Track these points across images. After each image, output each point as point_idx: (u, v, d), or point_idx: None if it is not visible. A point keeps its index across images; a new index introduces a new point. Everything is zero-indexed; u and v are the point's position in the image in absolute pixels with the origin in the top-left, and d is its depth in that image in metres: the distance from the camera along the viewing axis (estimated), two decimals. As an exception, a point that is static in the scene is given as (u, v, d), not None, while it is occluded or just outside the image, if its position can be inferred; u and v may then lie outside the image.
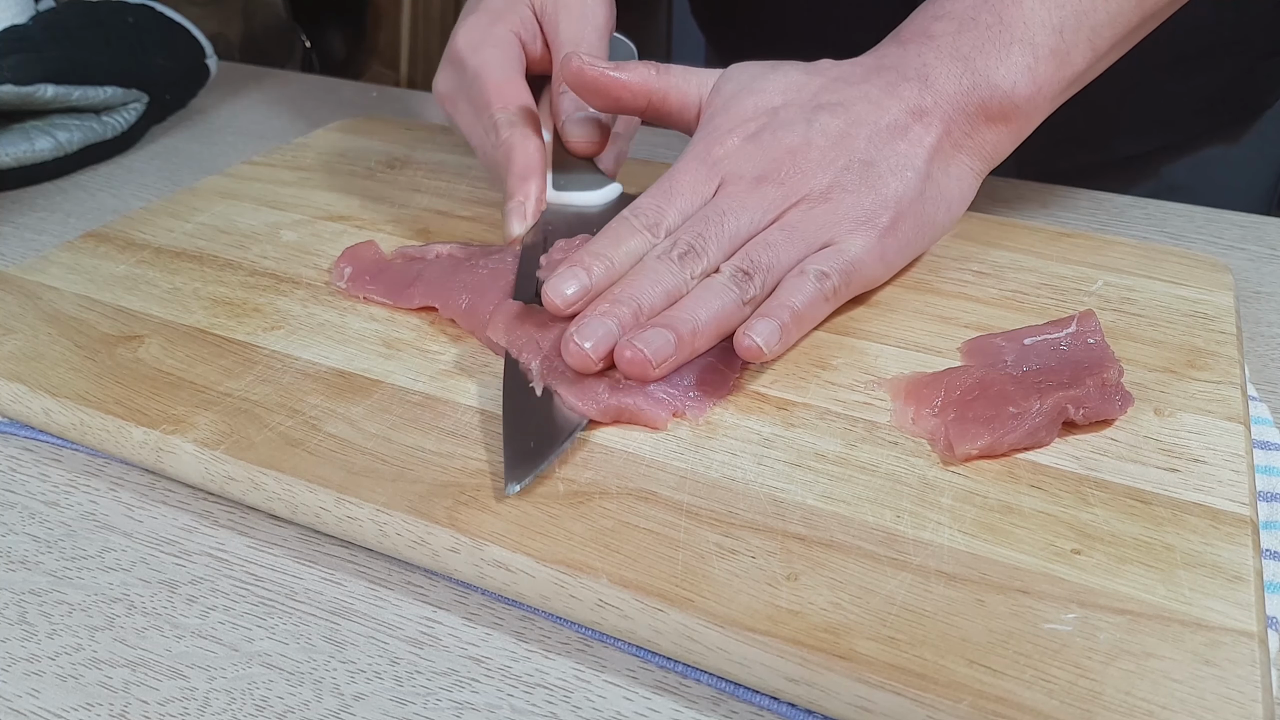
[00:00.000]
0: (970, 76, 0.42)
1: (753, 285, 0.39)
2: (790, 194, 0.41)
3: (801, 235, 0.40)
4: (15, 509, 0.37)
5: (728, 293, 0.38)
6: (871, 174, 0.41)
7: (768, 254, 0.39)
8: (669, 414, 0.36)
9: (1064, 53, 0.43)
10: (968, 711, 0.26)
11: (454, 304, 0.42)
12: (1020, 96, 0.42)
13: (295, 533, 0.36)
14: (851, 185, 0.41)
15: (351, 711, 0.29)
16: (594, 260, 0.39)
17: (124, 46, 0.65)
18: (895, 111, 0.42)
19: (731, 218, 0.40)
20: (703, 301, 0.38)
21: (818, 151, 0.41)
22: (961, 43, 0.43)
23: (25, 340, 0.41)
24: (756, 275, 0.39)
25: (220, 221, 0.51)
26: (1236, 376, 0.38)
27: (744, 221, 0.40)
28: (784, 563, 0.30)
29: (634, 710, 0.30)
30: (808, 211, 0.41)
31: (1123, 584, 0.29)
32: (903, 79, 0.43)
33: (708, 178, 0.42)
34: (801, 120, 0.42)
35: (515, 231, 0.45)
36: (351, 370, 0.39)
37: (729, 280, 0.39)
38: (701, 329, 0.37)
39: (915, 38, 0.44)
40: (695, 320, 0.37)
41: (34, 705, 0.29)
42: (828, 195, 0.41)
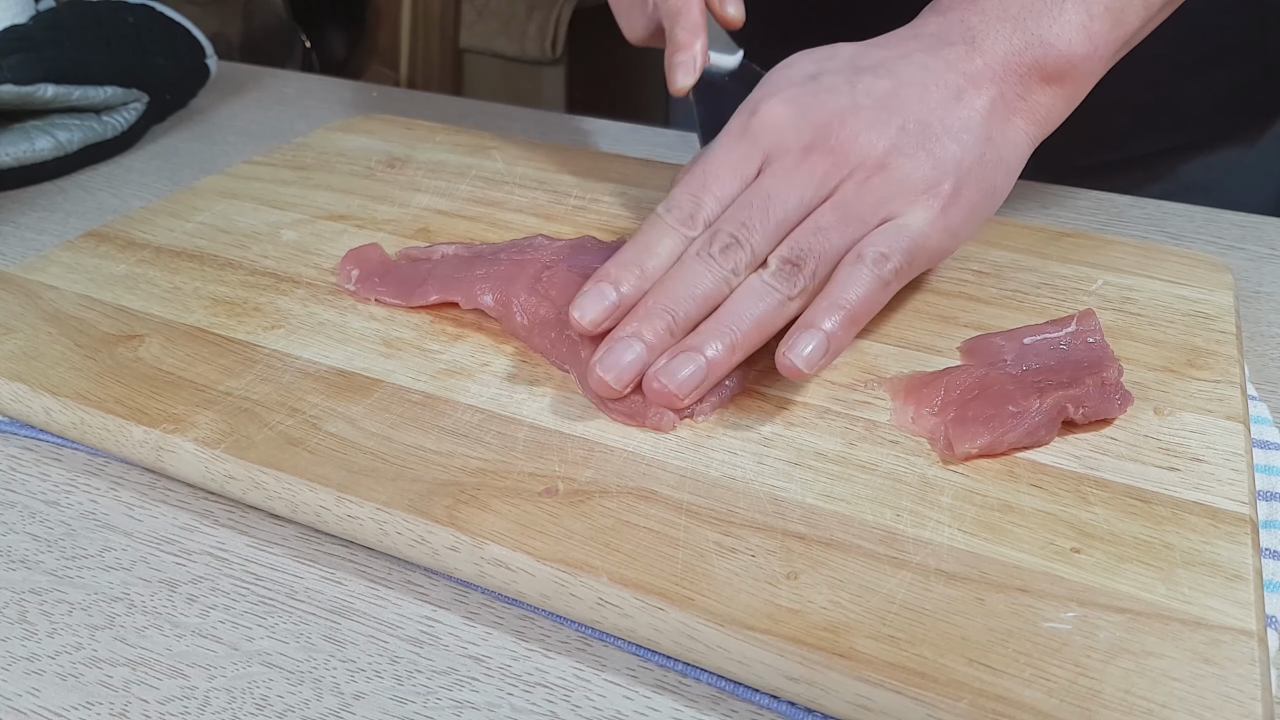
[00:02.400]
0: (1022, 36, 0.40)
1: (802, 277, 0.36)
2: (842, 164, 0.38)
3: (857, 213, 0.37)
4: (15, 508, 0.37)
5: (772, 294, 0.36)
6: (929, 136, 0.38)
7: (819, 240, 0.37)
8: (677, 418, 0.36)
9: (1119, 10, 0.40)
10: (967, 710, 0.26)
11: (476, 296, 0.42)
12: (1077, 55, 0.40)
13: (295, 532, 0.36)
14: (909, 149, 0.38)
15: (351, 710, 0.29)
16: (623, 272, 0.37)
17: (124, 46, 0.65)
18: (944, 73, 0.40)
19: (778, 201, 0.37)
20: (744, 307, 0.36)
21: (868, 113, 0.39)
22: (1009, 4, 0.40)
23: (25, 339, 0.41)
24: (807, 265, 0.36)
25: (220, 221, 0.51)
26: (1236, 376, 0.38)
27: (792, 203, 0.37)
28: (784, 561, 0.30)
29: (634, 709, 0.30)
30: (863, 184, 0.38)
31: (1122, 583, 0.29)
32: (947, 43, 0.41)
33: (748, 154, 0.39)
34: (845, 83, 0.40)
35: (684, 84, 0.45)
36: (352, 369, 0.40)
37: (775, 277, 0.36)
38: (741, 341, 0.36)
39: (956, 5, 0.42)
40: (734, 333, 0.36)
41: (34, 704, 0.29)
42: (884, 162, 0.38)
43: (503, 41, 1.78)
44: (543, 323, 0.40)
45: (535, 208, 0.53)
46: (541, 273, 0.43)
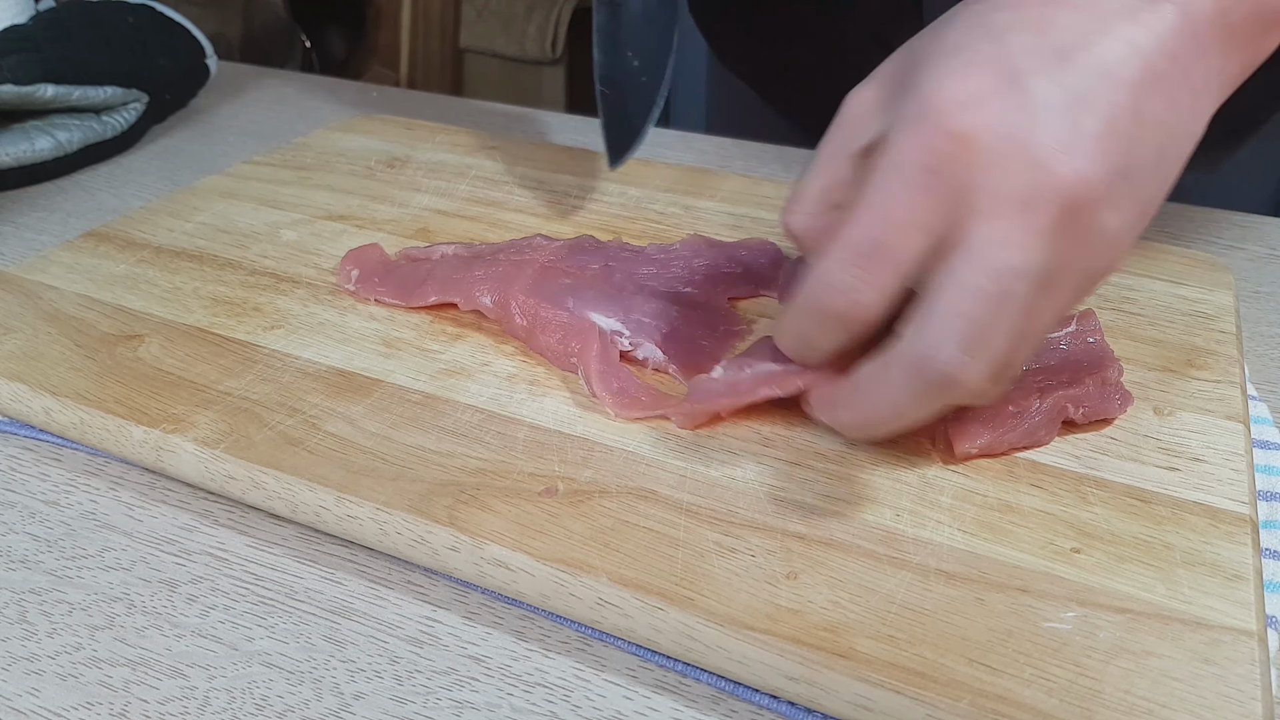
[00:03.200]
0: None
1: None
2: (1079, 248, 0.29)
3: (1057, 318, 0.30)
4: (15, 508, 0.37)
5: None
6: (1154, 200, 0.31)
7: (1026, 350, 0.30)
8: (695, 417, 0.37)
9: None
10: (967, 710, 0.26)
11: (475, 297, 0.42)
12: None
13: (295, 532, 0.36)
14: (1135, 228, 0.30)
15: (351, 710, 0.29)
16: (792, 352, 0.34)
17: (124, 46, 0.65)
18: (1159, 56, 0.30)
19: (1017, 306, 0.28)
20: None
21: (1098, 158, 0.29)
22: None
23: (25, 339, 0.41)
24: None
25: (220, 221, 0.51)
26: (1236, 376, 0.38)
27: (1040, 318, 0.29)
28: (783, 561, 0.30)
29: (634, 709, 0.30)
30: (1089, 277, 0.30)
31: (1122, 583, 0.29)
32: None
33: (941, 201, 0.29)
34: (1055, 88, 0.29)
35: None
36: (351, 369, 0.40)
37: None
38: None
39: None
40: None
41: (34, 704, 0.29)
42: (1118, 246, 0.30)
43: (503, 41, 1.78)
44: (544, 324, 0.40)
45: (535, 208, 0.53)
46: (541, 273, 0.43)
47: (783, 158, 0.65)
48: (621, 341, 0.40)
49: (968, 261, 0.28)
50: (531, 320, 0.40)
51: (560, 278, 0.43)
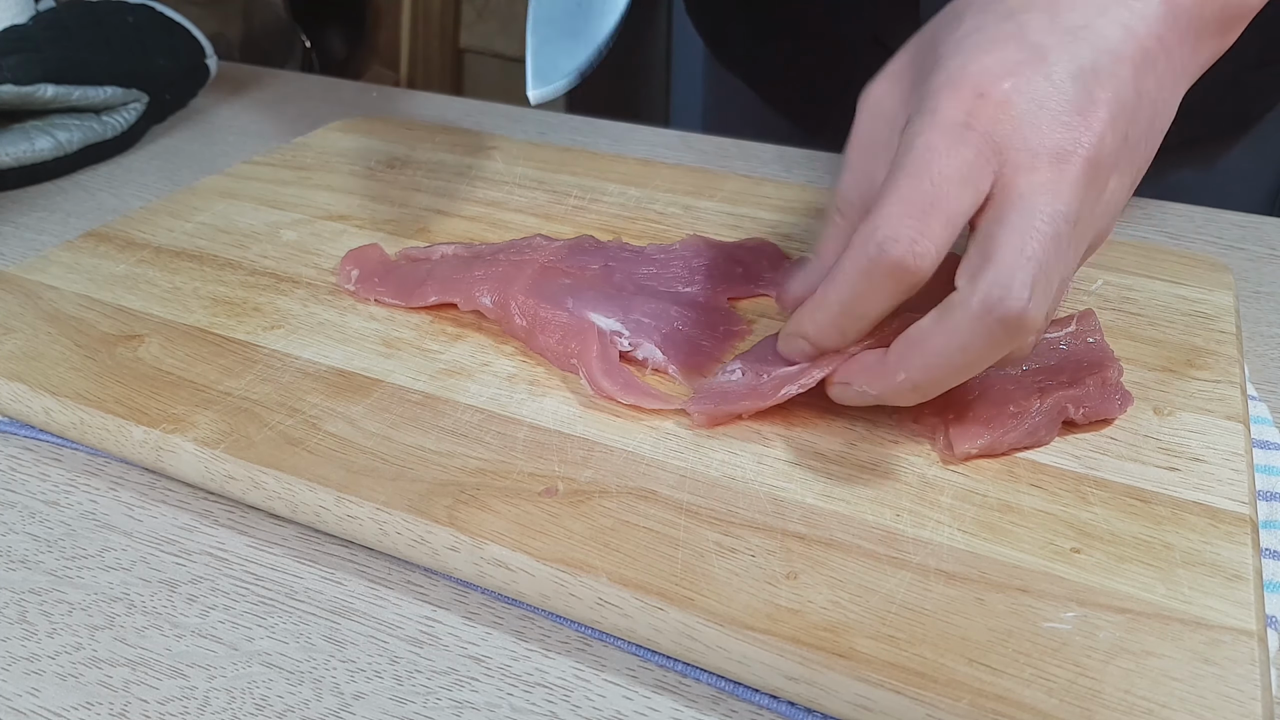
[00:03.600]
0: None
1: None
2: (1099, 188, 0.32)
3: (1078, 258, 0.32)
4: (15, 508, 0.37)
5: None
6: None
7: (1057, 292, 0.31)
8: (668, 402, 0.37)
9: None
10: (967, 710, 0.26)
11: (475, 298, 0.42)
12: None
13: (295, 532, 0.36)
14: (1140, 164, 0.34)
15: (351, 710, 0.29)
16: (822, 328, 0.34)
17: (124, 46, 0.65)
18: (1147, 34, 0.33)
19: (1063, 248, 0.31)
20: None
21: (1105, 112, 0.32)
22: None
23: (25, 339, 0.41)
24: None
25: (220, 221, 0.51)
26: (1236, 376, 0.38)
27: (1070, 255, 0.31)
28: (783, 561, 0.30)
29: (633, 709, 0.30)
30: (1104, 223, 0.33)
31: (1122, 583, 0.29)
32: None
33: (981, 156, 0.31)
34: (1066, 55, 0.32)
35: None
36: (351, 369, 0.40)
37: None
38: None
39: None
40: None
41: (34, 704, 0.29)
42: (1126, 190, 0.34)
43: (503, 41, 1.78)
44: (543, 324, 0.40)
45: (535, 208, 0.53)
46: (540, 273, 0.43)
47: (783, 158, 0.65)
48: (621, 342, 0.40)
49: (1021, 209, 0.30)
50: (531, 320, 0.40)
51: (560, 278, 0.43)
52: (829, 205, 0.37)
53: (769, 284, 0.45)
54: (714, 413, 0.36)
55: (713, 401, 0.36)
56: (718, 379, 0.38)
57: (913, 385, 0.32)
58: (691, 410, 0.36)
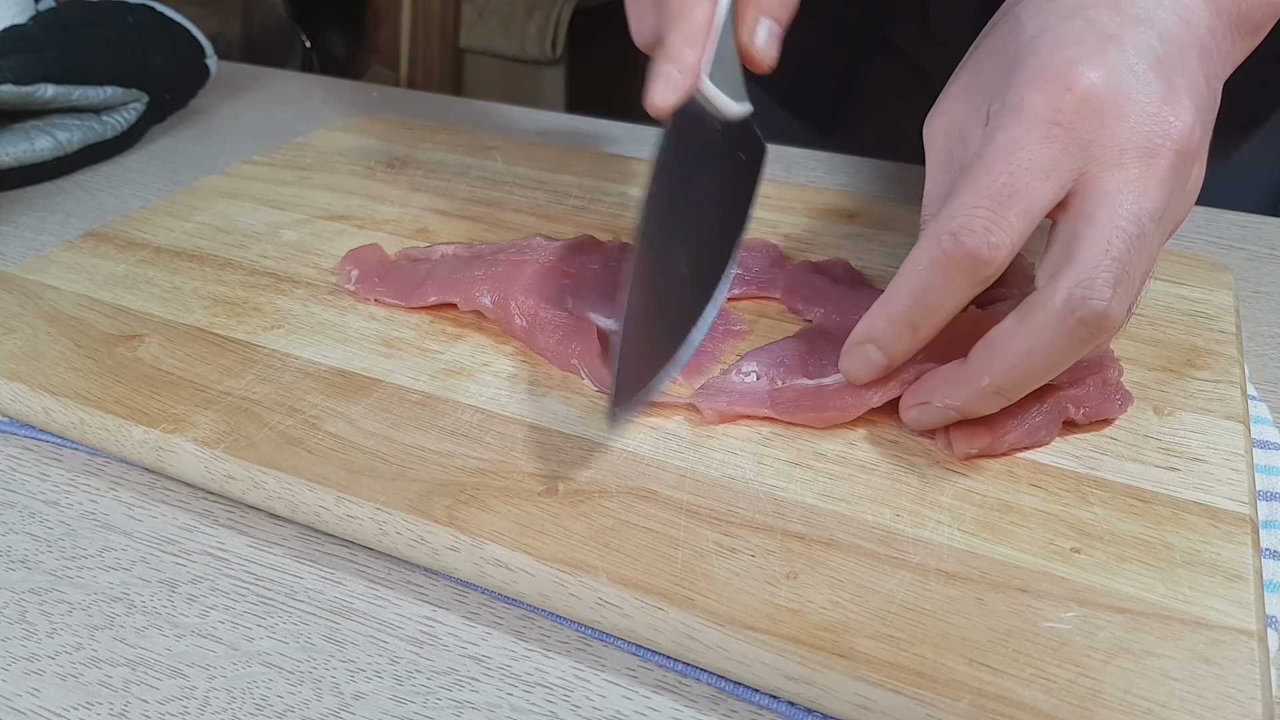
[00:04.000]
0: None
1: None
2: (1178, 175, 0.32)
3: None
4: (15, 508, 0.37)
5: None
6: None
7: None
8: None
9: None
10: (967, 710, 0.26)
11: (474, 298, 0.42)
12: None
13: (295, 532, 0.36)
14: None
15: (351, 710, 0.29)
16: (893, 333, 0.33)
17: (124, 46, 0.65)
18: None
19: (1146, 244, 0.31)
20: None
21: (1189, 99, 0.32)
22: None
23: (25, 339, 0.41)
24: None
25: (220, 221, 0.51)
26: (1236, 376, 0.38)
27: (1150, 248, 0.31)
28: (783, 561, 0.30)
29: (633, 709, 0.30)
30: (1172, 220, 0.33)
31: (1122, 583, 0.29)
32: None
33: (1067, 152, 0.31)
34: (1147, 50, 0.32)
35: (662, 101, 0.36)
36: (351, 369, 0.40)
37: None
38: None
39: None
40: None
41: (34, 704, 0.29)
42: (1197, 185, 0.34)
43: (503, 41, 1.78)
44: (543, 324, 0.40)
45: (535, 208, 0.53)
46: (540, 273, 0.43)
47: (783, 158, 0.65)
48: (621, 341, 0.40)
49: (1108, 207, 0.30)
50: (531, 320, 0.40)
51: (560, 278, 0.43)
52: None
53: (769, 284, 0.45)
54: (726, 412, 0.36)
55: (726, 401, 0.36)
56: (731, 377, 0.38)
57: (997, 389, 0.32)
58: (702, 406, 0.36)
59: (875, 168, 0.64)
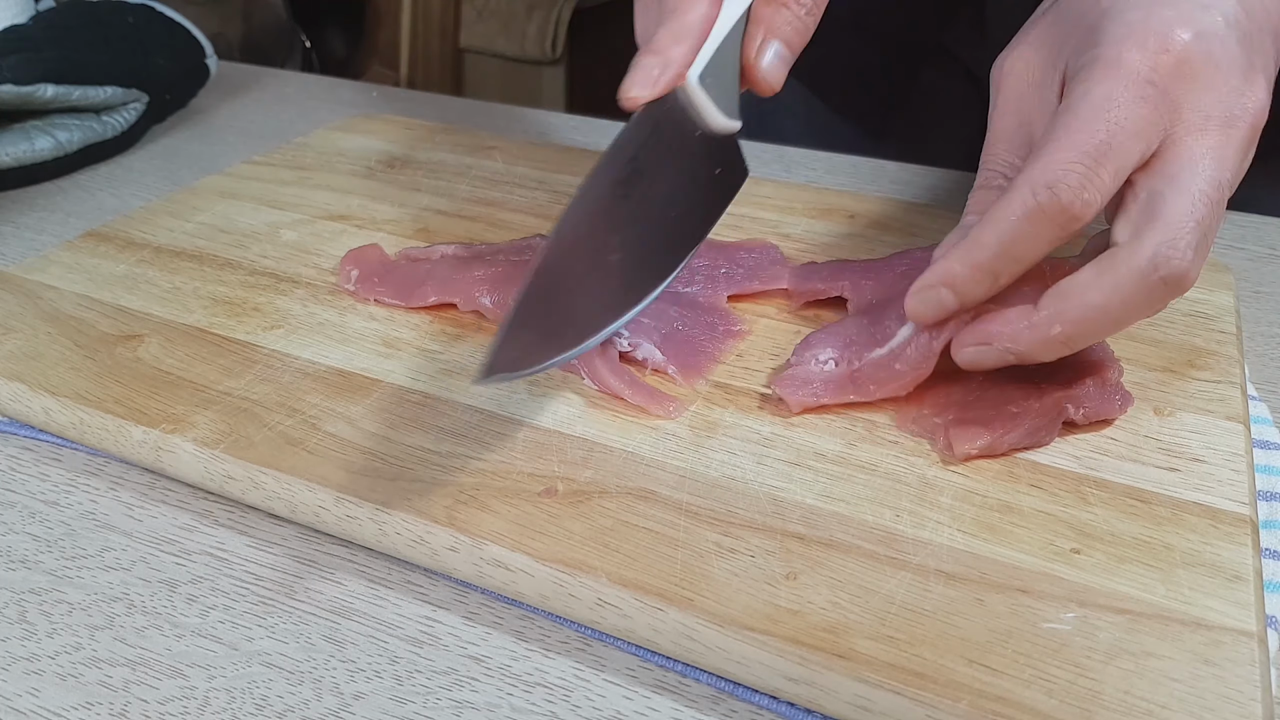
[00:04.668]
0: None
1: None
2: (1250, 143, 0.33)
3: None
4: (15, 508, 0.37)
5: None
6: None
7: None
8: (682, 407, 0.37)
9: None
10: (967, 711, 0.26)
11: (474, 298, 0.42)
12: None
13: (295, 532, 0.36)
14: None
15: (351, 710, 0.29)
16: (972, 278, 0.33)
17: (124, 46, 0.65)
18: None
19: (1220, 202, 0.32)
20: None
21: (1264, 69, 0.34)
22: None
23: (25, 339, 0.41)
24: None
25: (220, 221, 0.51)
26: (1236, 376, 0.38)
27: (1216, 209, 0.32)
28: (783, 562, 0.30)
29: (633, 709, 0.30)
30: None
31: (1122, 583, 0.29)
32: None
33: (1157, 113, 0.32)
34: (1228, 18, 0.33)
35: (636, 93, 0.35)
36: (351, 369, 0.40)
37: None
38: None
39: None
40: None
41: (34, 704, 0.29)
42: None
43: (503, 41, 1.78)
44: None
45: (535, 208, 0.53)
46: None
47: (783, 158, 0.65)
48: (620, 342, 0.40)
49: (1192, 170, 0.31)
50: None
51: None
52: (980, 173, 0.37)
53: (769, 285, 0.45)
54: (813, 404, 0.36)
55: (812, 392, 0.36)
56: (809, 367, 0.38)
57: (1066, 338, 0.32)
58: (790, 400, 0.36)
59: (876, 167, 0.64)
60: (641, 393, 0.37)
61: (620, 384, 0.37)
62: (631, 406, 0.37)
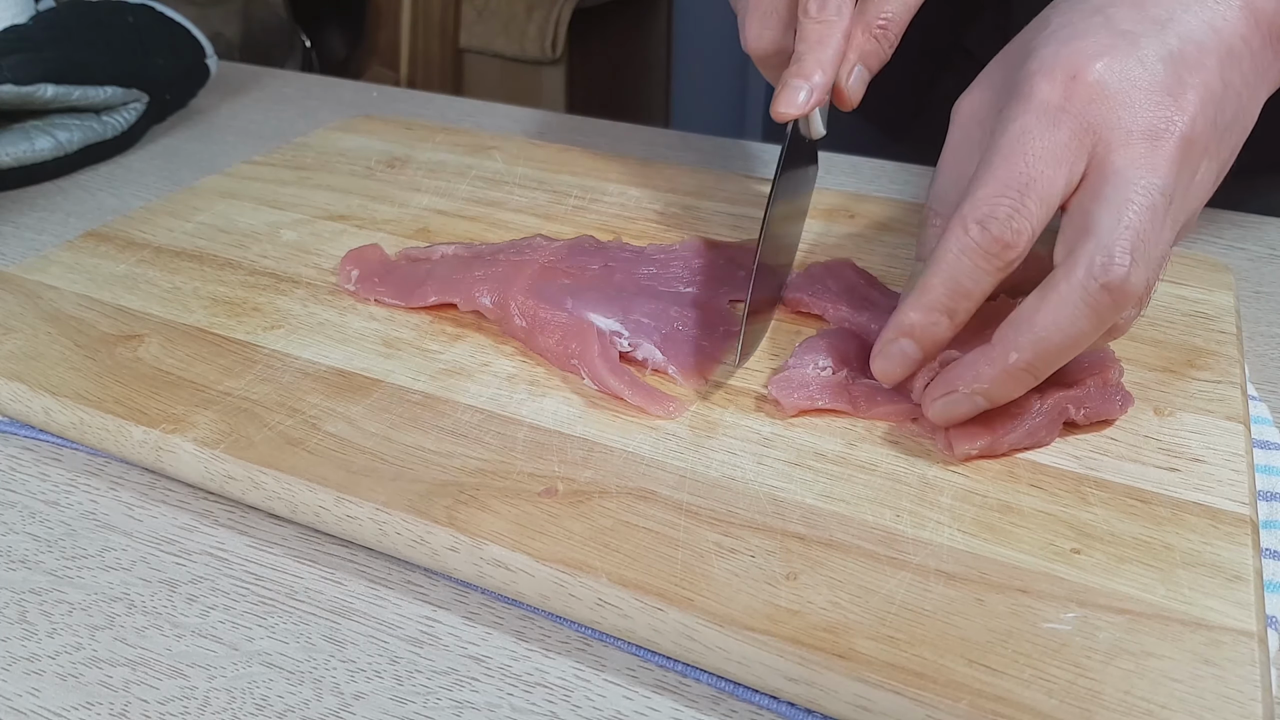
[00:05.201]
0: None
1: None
2: (1195, 159, 0.33)
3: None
4: (15, 508, 0.37)
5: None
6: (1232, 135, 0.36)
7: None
8: (683, 406, 0.37)
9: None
10: (967, 711, 0.26)
11: (474, 298, 0.42)
12: None
13: (295, 532, 0.36)
14: (1224, 151, 0.35)
15: (351, 710, 0.29)
16: (928, 320, 0.34)
17: (124, 46, 0.65)
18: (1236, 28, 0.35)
19: (1160, 225, 0.32)
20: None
21: (1196, 96, 0.33)
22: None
23: (25, 339, 0.41)
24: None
25: (220, 221, 0.51)
26: (1236, 376, 0.38)
27: (1166, 234, 0.32)
28: (783, 562, 0.30)
29: (633, 709, 0.30)
30: (1199, 195, 0.34)
31: (1122, 583, 0.29)
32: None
33: (1076, 138, 0.32)
34: (1155, 42, 0.34)
35: (788, 110, 0.39)
36: (351, 369, 0.40)
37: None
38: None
39: None
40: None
41: (34, 704, 0.29)
42: (1222, 165, 0.35)
43: (503, 41, 1.78)
44: (543, 324, 0.40)
45: (535, 208, 0.53)
46: (540, 274, 0.43)
47: (783, 158, 0.65)
48: (620, 342, 0.40)
49: (1117, 185, 0.32)
50: (531, 321, 0.40)
51: (560, 278, 0.43)
52: (925, 211, 0.39)
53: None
54: (808, 406, 0.36)
55: (807, 395, 0.37)
56: (806, 370, 0.38)
57: (1025, 365, 0.32)
58: (783, 400, 0.36)
59: (876, 167, 0.64)
60: (641, 393, 0.37)
61: (620, 384, 0.37)
62: (631, 406, 0.37)
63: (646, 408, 0.37)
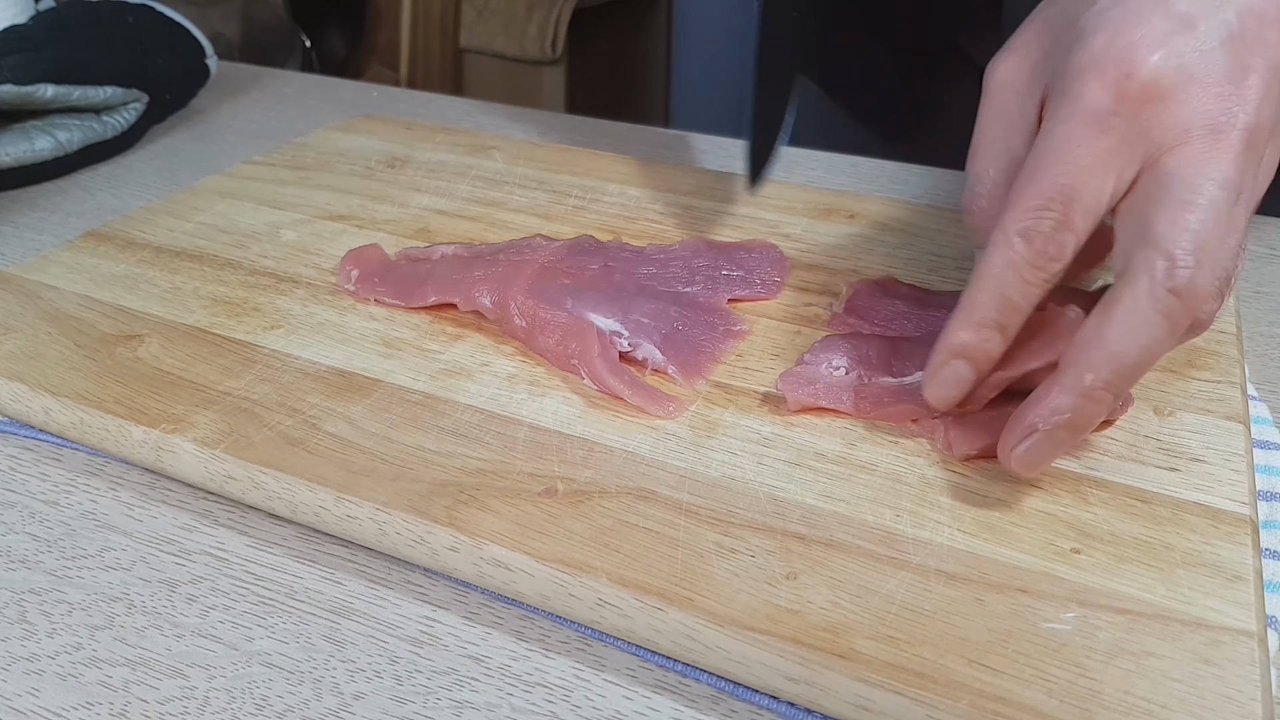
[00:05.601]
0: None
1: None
2: (1254, 156, 0.31)
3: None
4: (15, 508, 0.37)
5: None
6: None
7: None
8: (682, 406, 0.37)
9: None
10: (967, 710, 0.26)
11: (474, 298, 0.42)
12: None
13: (295, 532, 0.36)
14: None
15: (351, 710, 0.29)
16: (979, 338, 0.32)
17: (124, 46, 0.65)
18: None
19: (1224, 225, 0.30)
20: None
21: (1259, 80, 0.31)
22: None
23: (25, 339, 0.41)
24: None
25: (220, 221, 0.51)
26: (1236, 376, 0.38)
27: (1232, 239, 0.30)
28: (783, 562, 0.30)
29: (633, 709, 0.30)
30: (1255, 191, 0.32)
31: (1122, 583, 0.29)
32: None
33: (1126, 144, 0.31)
34: (1222, 33, 0.31)
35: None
36: (351, 369, 0.40)
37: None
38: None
39: None
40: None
41: (34, 704, 0.29)
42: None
43: (503, 41, 1.78)
44: (543, 324, 0.40)
45: (535, 208, 0.53)
46: (540, 273, 0.43)
47: (784, 158, 0.65)
48: (620, 342, 0.40)
49: (1172, 187, 0.30)
50: (531, 321, 0.40)
51: (560, 278, 0.43)
52: (965, 193, 0.37)
53: (769, 285, 0.45)
54: (809, 404, 0.36)
55: (812, 392, 0.36)
56: (819, 369, 0.38)
57: (1104, 384, 0.30)
58: (788, 395, 0.36)
59: (875, 167, 0.64)
60: (641, 393, 0.37)
61: (620, 384, 0.37)
62: (631, 406, 0.37)
63: (646, 408, 0.37)
